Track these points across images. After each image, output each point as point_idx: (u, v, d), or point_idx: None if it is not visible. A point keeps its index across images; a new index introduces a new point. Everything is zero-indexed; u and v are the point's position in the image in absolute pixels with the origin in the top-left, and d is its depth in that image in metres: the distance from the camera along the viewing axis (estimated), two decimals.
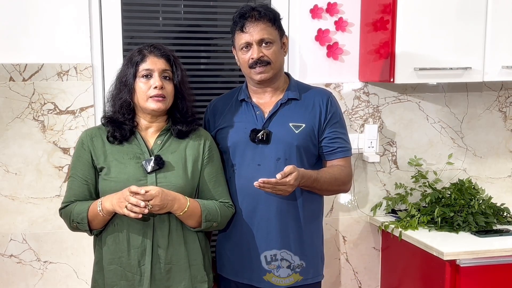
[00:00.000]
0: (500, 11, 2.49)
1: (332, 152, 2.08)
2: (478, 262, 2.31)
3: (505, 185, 2.96)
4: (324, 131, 2.07)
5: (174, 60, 1.93)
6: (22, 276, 2.47)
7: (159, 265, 1.89)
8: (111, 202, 1.80)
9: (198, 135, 2.00)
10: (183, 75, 1.95)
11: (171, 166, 1.91)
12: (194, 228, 1.92)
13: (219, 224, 1.97)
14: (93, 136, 1.94)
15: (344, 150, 2.10)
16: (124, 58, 1.98)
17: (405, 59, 2.44)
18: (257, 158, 2.03)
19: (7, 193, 2.43)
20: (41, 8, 2.38)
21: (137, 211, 1.74)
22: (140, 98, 1.90)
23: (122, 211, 1.76)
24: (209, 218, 1.91)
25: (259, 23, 1.99)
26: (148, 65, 1.89)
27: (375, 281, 2.85)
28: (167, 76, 1.91)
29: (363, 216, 2.80)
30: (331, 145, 2.08)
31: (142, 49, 1.92)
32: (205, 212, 1.90)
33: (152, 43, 1.94)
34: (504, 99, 2.90)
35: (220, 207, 1.96)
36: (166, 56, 1.92)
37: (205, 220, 1.90)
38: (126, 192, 1.76)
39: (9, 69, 2.38)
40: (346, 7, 2.66)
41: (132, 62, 1.90)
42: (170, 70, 1.92)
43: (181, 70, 1.94)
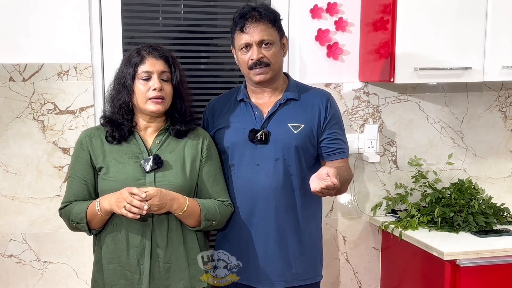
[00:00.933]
0: (500, 11, 2.49)
1: (332, 153, 2.08)
2: (478, 262, 2.31)
3: (505, 185, 2.96)
4: (324, 132, 2.07)
5: (172, 61, 1.93)
6: (22, 276, 2.47)
7: (158, 264, 1.89)
8: (109, 201, 1.80)
9: (196, 134, 2.00)
10: (181, 76, 1.95)
11: (169, 165, 1.91)
12: (193, 228, 1.92)
13: (218, 223, 1.97)
14: (92, 136, 1.95)
15: (343, 152, 2.10)
16: (122, 58, 1.98)
17: (405, 59, 2.44)
18: (256, 158, 2.03)
19: (7, 193, 2.43)
20: (41, 8, 2.38)
21: (136, 212, 1.75)
22: (139, 99, 1.90)
23: (120, 211, 1.76)
24: (208, 217, 1.91)
25: (260, 24, 1.99)
26: (147, 67, 1.89)
27: (375, 281, 2.85)
28: (165, 77, 1.91)
29: (363, 216, 2.80)
30: (331, 146, 2.08)
31: (140, 50, 1.92)
32: (204, 211, 1.90)
33: (151, 44, 1.94)
34: (504, 99, 2.90)
35: (219, 206, 1.96)
36: (165, 57, 1.92)
37: (205, 219, 1.90)
38: (125, 192, 1.76)
39: (9, 69, 2.38)
40: (346, 7, 2.66)
41: (130, 63, 1.90)
42: (168, 72, 1.92)
43: (180, 70, 1.95)
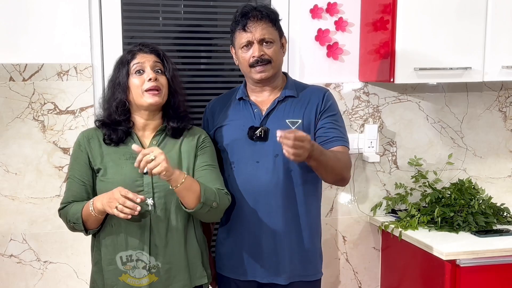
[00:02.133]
0: (500, 11, 2.49)
1: (328, 141, 2.04)
2: (478, 262, 2.31)
3: (505, 185, 2.96)
4: (319, 121, 2.05)
5: (163, 55, 1.94)
6: (22, 276, 2.47)
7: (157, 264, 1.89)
8: (102, 202, 1.80)
9: (192, 133, 2.00)
10: (174, 70, 1.95)
11: None
12: (193, 208, 1.84)
13: (219, 206, 1.89)
14: (90, 138, 1.95)
15: (340, 140, 2.05)
16: (115, 63, 1.97)
17: (405, 59, 2.44)
18: (255, 155, 2.04)
19: (7, 193, 2.43)
20: (41, 8, 2.38)
21: (127, 212, 1.73)
22: (135, 94, 1.89)
23: (112, 211, 1.75)
24: (207, 195, 1.84)
25: (261, 22, 2.01)
26: (138, 60, 1.90)
27: (375, 281, 2.85)
28: (159, 69, 1.92)
29: (363, 216, 2.80)
30: (327, 135, 2.04)
31: (130, 50, 1.94)
32: (203, 188, 1.84)
33: (141, 42, 1.96)
34: (504, 99, 2.90)
35: (217, 191, 1.90)
36: (156, 52, 1.93)
37: (204, 194, 1.83)
38: (116, 192, 1.75)
39: (9, 69, 2.38)
40: (346, 7, 2.66)
41: (123, 62, 1.92)
42: (161, 63, 1.92)
43: (172, 65, 1.95)
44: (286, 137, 1.75)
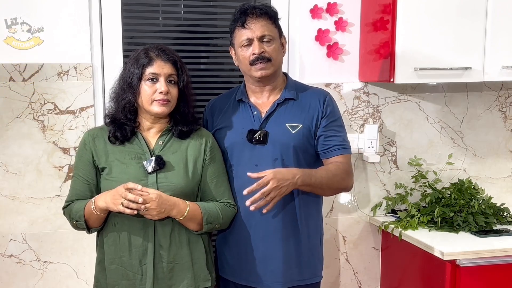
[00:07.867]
0: (500, 11, 2.49)
1: (328, 150, 2.06)
2: (478, 262, 2.31)
3: (505, 185, 2.96)
4: (320, 129, 2.06)
5: (180, 65, 1.93)
6: (22, 276, 2.47)
7: (161, 264, 1.89)
8: (105, 200, 1.80)
9: (199, 135, 2.00)
10: (188, 79, 1.95)
11: (171, 167, 1.91)
12: (197, 232, 1.92)
13: (222, 225, 1.98)
14: (95, 137, 1.95)
15: (341, 148, 2.06)
16: (130, 57, 1.95)
17: (405, 59, 2.44)
18: (254, 158, 2.03)
19: (7, 193, 2.43)
20: (41, 8, 2.38)
21: (134, 207, 1.74)
22: (144, 100, 1.90)
23: (117, 207, 1.76)
24: (210, 221, 1.91)
25: (260, 19, 2.00)
26: (154, 69, 1.88)
27: (375, 281, 2.85)
28: (172, 80, 1.91)
29: (363, 216, 2.80)
30: (327, 144, 2.05)
31: (148, 52, 1.91)
32: (206, 215, 1.90)
33: (159, 46, 1.93)
34: (504, 99, 2.90)
35: (221, 208, 1.96)
36: (173, 61, 1.91)
37: (207, 223, 1.90)
38: (121, 189, 1.76)
39: (9, 69, 2.38)
40: (346, 7, 2.66)
41: (138, 64, 1.89)
42: (175, 75, 1.91)
43: (187, 74, 1.95)
44: (254, 197, 1.85)
